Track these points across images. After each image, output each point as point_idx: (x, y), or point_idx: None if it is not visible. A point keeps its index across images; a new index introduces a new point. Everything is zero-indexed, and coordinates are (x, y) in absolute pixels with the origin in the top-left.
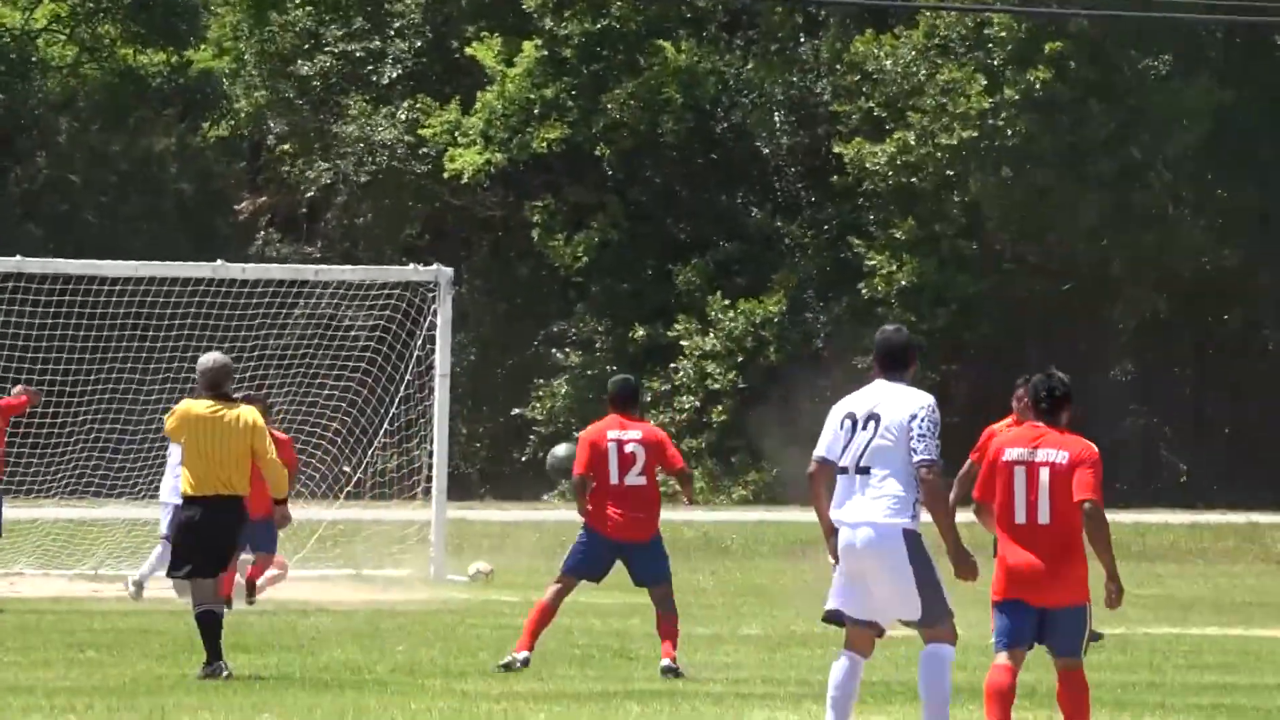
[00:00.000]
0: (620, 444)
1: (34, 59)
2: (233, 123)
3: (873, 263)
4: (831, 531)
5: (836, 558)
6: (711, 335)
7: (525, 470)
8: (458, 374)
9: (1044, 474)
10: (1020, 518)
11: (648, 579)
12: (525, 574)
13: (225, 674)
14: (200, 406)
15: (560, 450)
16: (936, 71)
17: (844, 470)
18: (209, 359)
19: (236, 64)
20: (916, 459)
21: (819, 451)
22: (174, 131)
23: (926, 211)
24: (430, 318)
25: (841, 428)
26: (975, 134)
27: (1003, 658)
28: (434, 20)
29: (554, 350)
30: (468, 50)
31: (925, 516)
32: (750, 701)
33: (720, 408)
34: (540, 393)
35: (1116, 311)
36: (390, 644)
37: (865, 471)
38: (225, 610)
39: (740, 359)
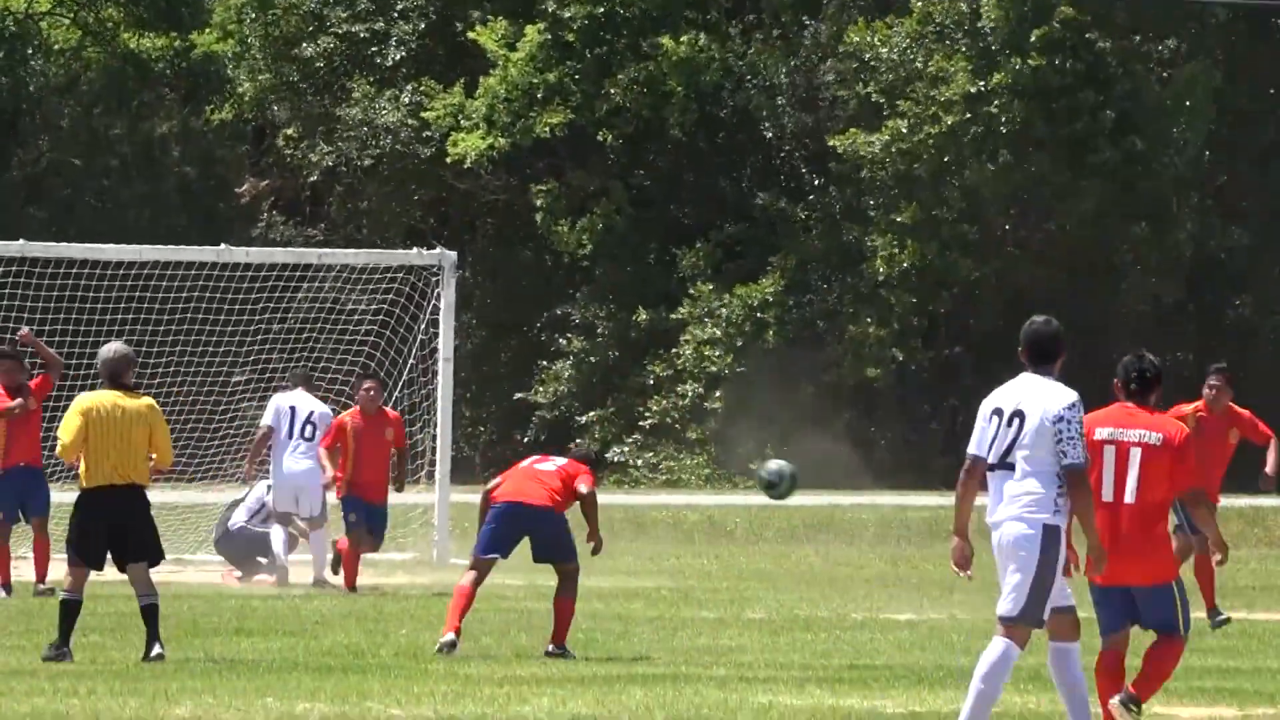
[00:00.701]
0: (546, 455)
1: (36, 42)
2: (236, 106)
3: (874, 244)
4: (962, 530)
5: (958, 556)
6: (710, 323)
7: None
8: (461, 357)
9: (1135, 453)
10: (1107, 495)
11: (553, 557)
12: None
13: (69, 659)
14: (103, 398)
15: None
16: (929, 60)
17: (991, 467)
18: (109, 349)
19: (240, 47)
20: (1066, 462)
21: (971, 449)
22: (176, 115)
23: (926, 196)
24: (434, 301)
25: (989, 423)
26: (967, 117)
27: (1105, 644)
28: (438, 2)
29: (557, 335)
30: (470, 34)
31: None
32: (754, 685)
33: (720, 392)
34: (544, 376)
35: (1120, 298)
36: (393, 628)
37: (1009, 468)
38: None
39: (740, 343)
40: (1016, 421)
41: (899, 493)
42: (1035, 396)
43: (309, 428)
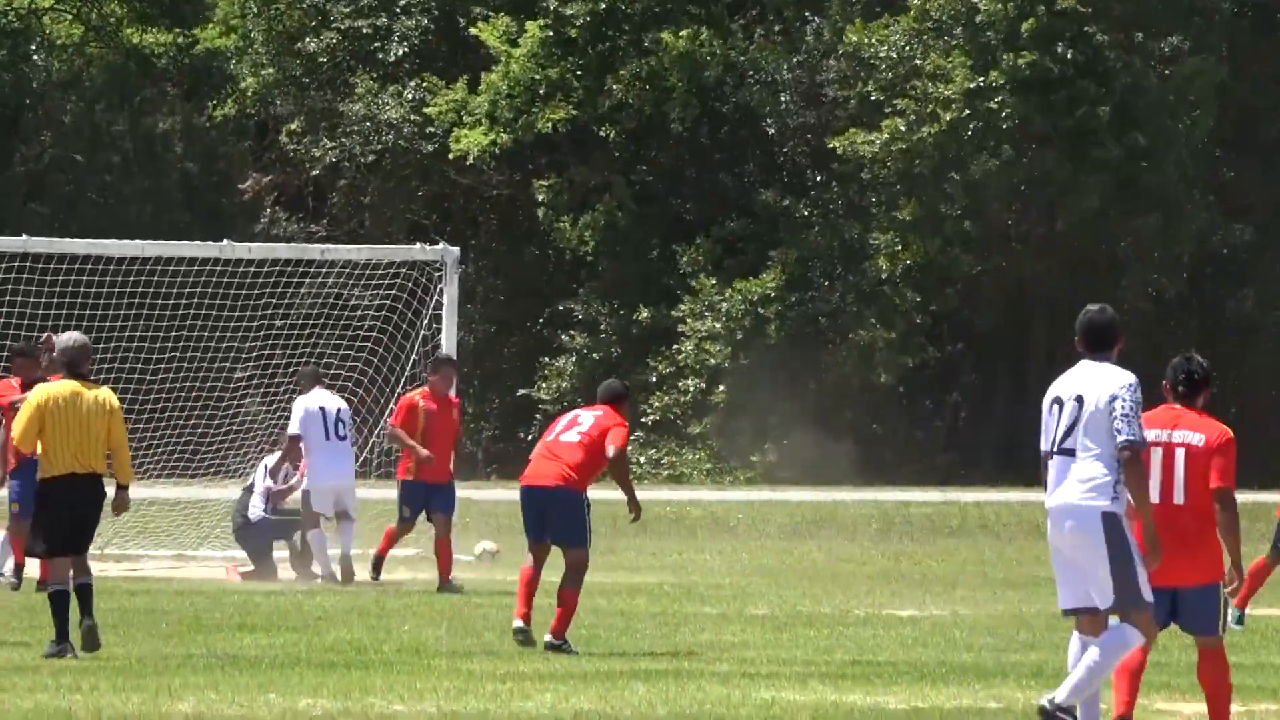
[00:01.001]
0: (577, 415)
1: (39, 38)
2: (238, 102)
3: (876, 241)
4: None
5: None
6: (709, 318)
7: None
8: (464, 353)
9: (1180, 455)
10: (1155, 497)
11: (560, 540)
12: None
13: (71, 654)
14: (60, 388)
15: None
16: (926, 58)
17: (1050, 453)
18: (68, 339)
19: (243, 42)
20: (1120, 439)
21: (1042, 444)
22: (179, 111)
23: (928, 192)
24: (436, 297)
25: (1051, 414)
26: (966, 114)
27: None
28: None
29: (559, 331)
30: (472, 30)
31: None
32: (757, 681)
33: (722, 388)
34: (546, 372)
35: (1122, 293)
36: (396, 624)
37: (1068, 453)
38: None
39: (740, 337)
40: (1074, 405)
41: (901, 488)
42: (1093, 380)
43: (340, 425)
